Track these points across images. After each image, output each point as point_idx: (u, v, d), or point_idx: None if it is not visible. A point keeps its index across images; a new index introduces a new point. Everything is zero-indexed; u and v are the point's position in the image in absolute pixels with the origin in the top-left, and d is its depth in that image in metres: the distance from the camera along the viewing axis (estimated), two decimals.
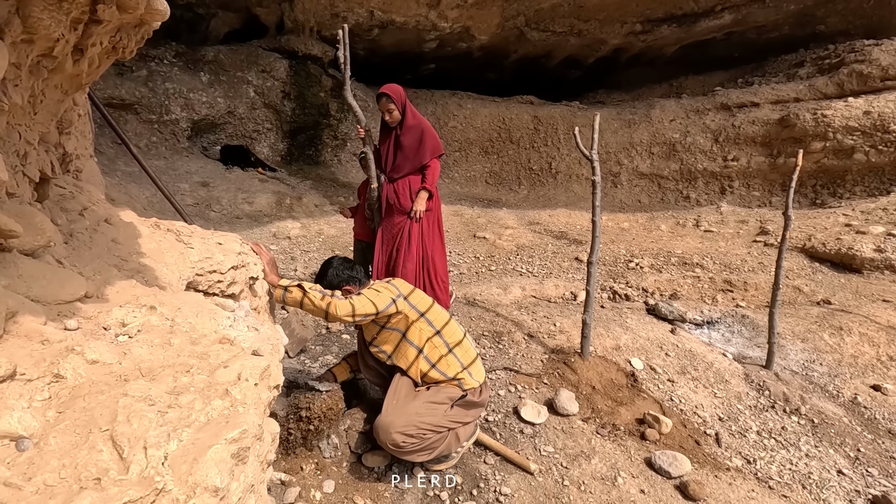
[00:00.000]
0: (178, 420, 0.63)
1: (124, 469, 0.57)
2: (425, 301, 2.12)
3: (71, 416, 0.62)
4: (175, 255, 1.09)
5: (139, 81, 5.86)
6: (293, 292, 1.89)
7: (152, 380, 0.69)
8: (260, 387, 0.74)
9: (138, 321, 0.81)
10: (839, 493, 2.40)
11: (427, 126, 3.28)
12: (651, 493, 2.09)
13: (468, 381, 2.04)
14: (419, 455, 1.92)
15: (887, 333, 4.06)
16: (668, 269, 5.28)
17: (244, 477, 0.61)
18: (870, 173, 6.76)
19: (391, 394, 1.99)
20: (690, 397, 2.99)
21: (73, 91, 0.91)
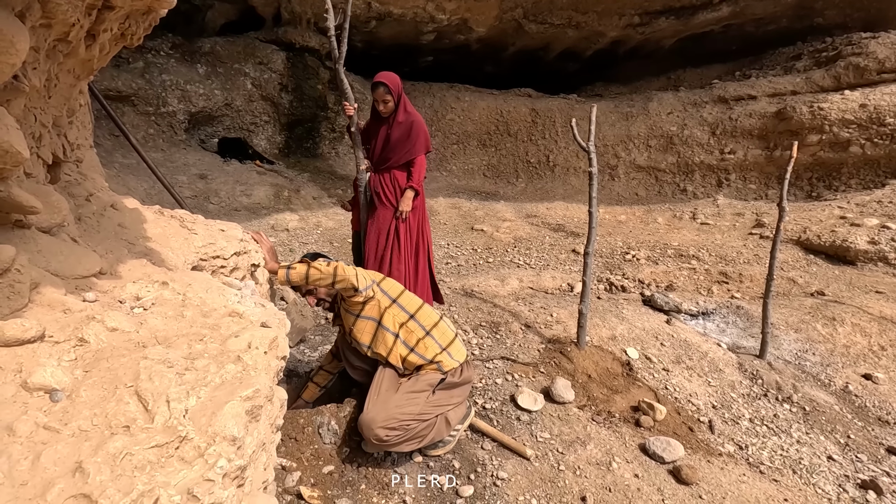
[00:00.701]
0: (195, 381, 0.67)
1: (150, 419, 0.61)
2: (396, 288, 2.17)
3: (97, 375, 0.65)
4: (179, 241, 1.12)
5: (136, 73, 5.84)
6: (297, 268, 1.94)
7: (168, 346, 0.72)
8: (269, 355, 0.78)
9: (152, 295, 0.84)
10: (829, 477, 2.46)
11: (419, 120, 3.26)
12: (645, 477, 2.13)
13: (447, 363, 2.07)
14: (408, 445, 1.95)
15: (879, 324, 4.11)
16: (664, 261, 5.32)
17: (257, 433, 0.65)
18: (865, 166, 6.81)
19: (373, 388, 2.02)
20: (685, 386, 3.03)
21: (84, 76, 0.93)
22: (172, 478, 0.56)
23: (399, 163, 3.28)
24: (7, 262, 0.66)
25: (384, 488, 1.93)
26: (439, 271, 4.75)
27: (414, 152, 3.28)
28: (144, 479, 0.55)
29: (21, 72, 0.69)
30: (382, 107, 3.14)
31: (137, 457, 0.57)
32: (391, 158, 3.26)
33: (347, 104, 3.15)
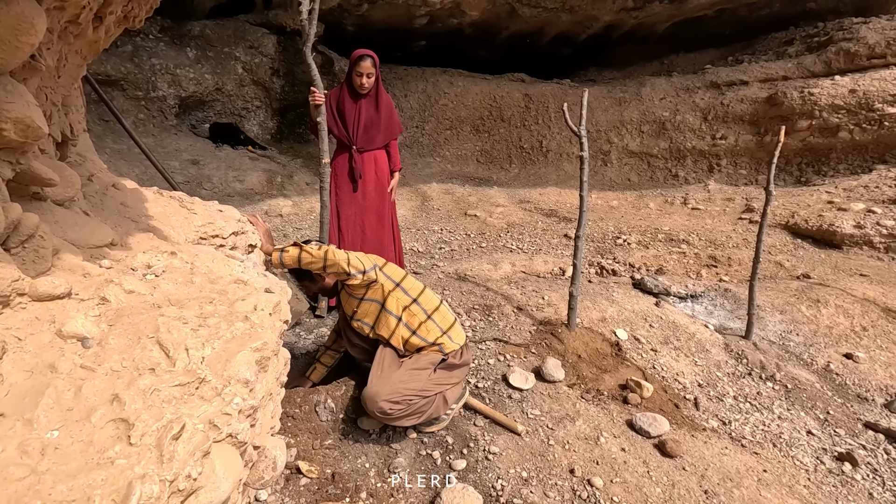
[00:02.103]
0: (209, 335, 0.72)
1: (172, 364, 0.67)
2: (398, 272, 2.24)
3: (121, 328, 0.71)
4: (180, 220, 1.15)
5: (124, 57, 5.76)
6: (290, 251, 1.98)
7: (182, 307, 0.77)
8: (273, 317, 0.83)
9: (162, 264, 0.88)
10: (807, 450, 2.56)
11: (392, 101, 3.33)
12: (631, 450, 2.21)
13: (448, 345, 2.15)
14: (408, 420, 2.02)
15: (862, 305, 4.22)
16: (654, 245, 5.39)
17: (266, 382, 0.71)
18: (853, 151, 6.89)
19: (376, 364, 2.08)
20: (672, 365, 3.12)
21: (90, 57, 0.96)
22: (195, 410, 0.62)
23: (387, 141, 3.29)
24: (32, 229, 0.72)
25: (380, 463, 2.00)
26: (433, 256, 4.80)
27: (397, 131, 3.32)
28: (171, 410, 0.61)
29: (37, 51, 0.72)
30: (366, 80, 3.04)
31: (164, 392, 0.63)
32: (377, 138, 3.22)
33: (316, 91, 2.93)
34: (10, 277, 0.70)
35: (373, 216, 3.34)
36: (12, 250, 0.69)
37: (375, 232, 3.36)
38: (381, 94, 3.20)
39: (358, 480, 1.90)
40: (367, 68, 3.03)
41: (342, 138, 3.21)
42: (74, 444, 0.61)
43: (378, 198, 3.33)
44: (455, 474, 1.98)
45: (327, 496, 1.82)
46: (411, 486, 1.91)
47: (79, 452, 0.59)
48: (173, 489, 0.59)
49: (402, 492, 1.88)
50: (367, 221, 3.33)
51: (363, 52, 3.05)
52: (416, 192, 6.88)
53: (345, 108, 3.16)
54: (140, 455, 0.60)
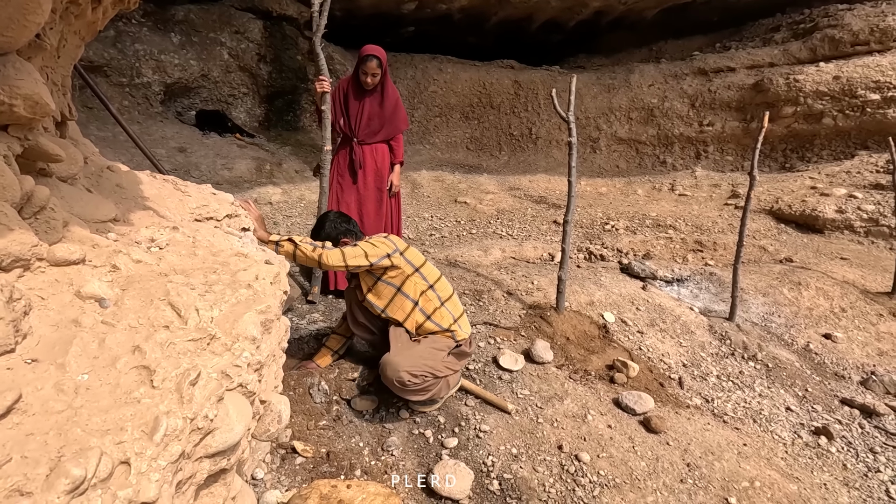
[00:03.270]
0: (216, 299, 0.75)
1: (184, 322, 0.70)
2: (419, 257, 2.25)
3: (133, 291, 0.74)
4: (175, 201, 1.17)
5: (107, 42, 5.65)
6: (285, 246, 2.00)
7: (188, 276, 0.80)
8: (274, 286, 0.86)
9: (165, 237, 0.91)
10: (786, 425, 2.66)
11: (399, 96, 3.37)
12: (617, 427, 2.29)
13: (460, 333, 2.20)
14: (417, 395, 2.07)
15: (841, 288, 4.34)
16: (642, 230, 5.47)
17: (269, 343, 0.75)
18: (837, 137, 7.00)
19: (395, 339, 2.12)
20: (658, 346, 3.20)
21: (88, 37, 0.96)
22: (208, 362, 0.66)
23: (390, 136, 3.36)
24: (43, 201, 0.75)
25: (373, 442, 2.04)
26: (423, 243, 4.83)
27: (402, 126, 3.38)
28: (187, 361, 0.65)
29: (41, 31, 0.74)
30: (370, 79, 3.13)
31: (179, 346, 0.67)
32: (381, 131, 3.31)
33: (323, 79, 3.07)
34: (29, 243, 0.74)
35: (371, 205, 3.41)
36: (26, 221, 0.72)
37: (373, 220, 3.43)
38: (388, 89, 3.24)
39: (352, 459, 1.95)
40: (372, 69, 3.09)
41: (345, 130, 3.31)
42: (103, 385, 0.67)
43: (377, 188, 3.40)
44: (447, 452, 2.04)
45: (322, 474, 1.86)
46: (404, 463, 1.96)
47: (108, 393, 0.63)
48: (193, 427, 0.64)
49: (395, 469, 1.93)
50: (365, 210, 3.40)
51: (370, 51, 3.07)
52: (407, 180, 6.87)
53: (349, 100, 3.25)
54: (162, 396, 0.64)
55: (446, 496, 1.80)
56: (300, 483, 1.81)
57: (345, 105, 3.29)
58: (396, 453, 2.00)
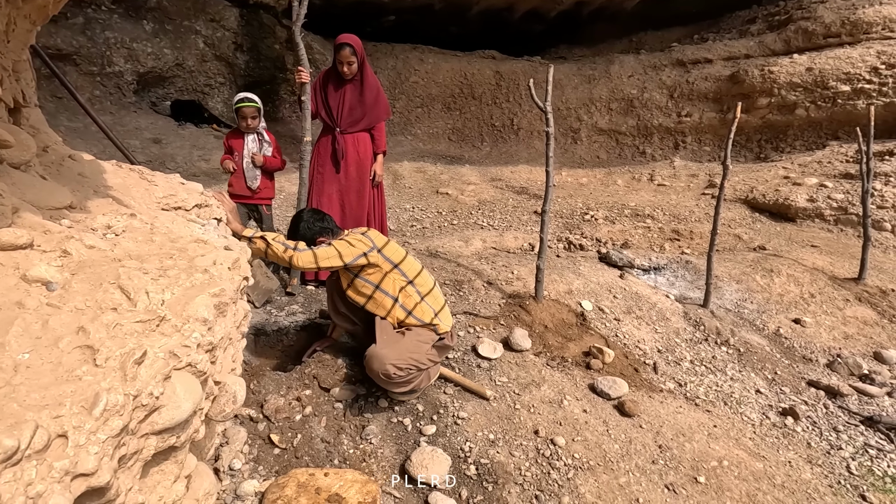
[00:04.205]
0: (169, 283, 0.75)
1: (133, 305, 0.70)
2: (399, 252, 2.24)
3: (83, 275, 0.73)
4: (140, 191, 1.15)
5: (76, 30, 5.47)
6: (257, 243, 1.98)
7: (143, 262, 0.79)
8: (232, 271, 0.86)
9: (122, 224, 0.90)
10: (755, 407, 2.75)
11: (380, 85, 3.36)
12: (592, 411, 2.34)
13: (442, 326, 2.21)
14: (400, 387, 2.08)
15: (811, 274, 4.48)
16: (621, 220, 5.55)
17: (224, 325, 0.75)
18: (809, 128, 7.17)
19: (380, 331, 2.11)
20: (634, 333, 3.27)
21: (39, 21, 0.93)
22: (156, 342, 0.67)
23: (371, 125, 3.34)
24: None
25: (352, 431, 2.06)
26: (404, 234, 4.83)
27: (384, 115, 3.37)
28: (134, 341, 0.65)
29: None
30: (347, 68, 3.12)
31: (126, 327, 0.67)
32: (362, 120, 3.30)
33: (302, 69, 3.06)
34: None
35: (353, 195, 3.40)
36: None
37: (355, 210, 3.41)
38: (367, 77, 3.22)
39: (331, 448, 1.96)
40: (346, 56, 3.07)
41: (326, 120, 3.29)
42: (45, 364, 0.66)
43: (359, 178, 3.38)
44: (425, 439, 2.06)
45: (300, 464, 1.87)
46: (383, 451, 1.98)
47: (49, 371, 0.63)
48: (137, 404, 0.64)
49: (373, 456, 1.95)
50: (346, 201, 3.39)
51: (343, 39, 3.05)
52: (388, 171, 6.84)
53: (329, 91, 3.23)
54: (105, 374, 0.64)
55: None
56: (278, 473, 1.82)
57: (325, 95, 3.27)
58: (375, 441, 2.02)
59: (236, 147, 3.32)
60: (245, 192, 3.35)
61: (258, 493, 1.70)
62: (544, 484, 1.89)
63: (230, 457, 1.80)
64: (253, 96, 3.33)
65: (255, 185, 3.40)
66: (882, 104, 6.46)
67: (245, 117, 3.23)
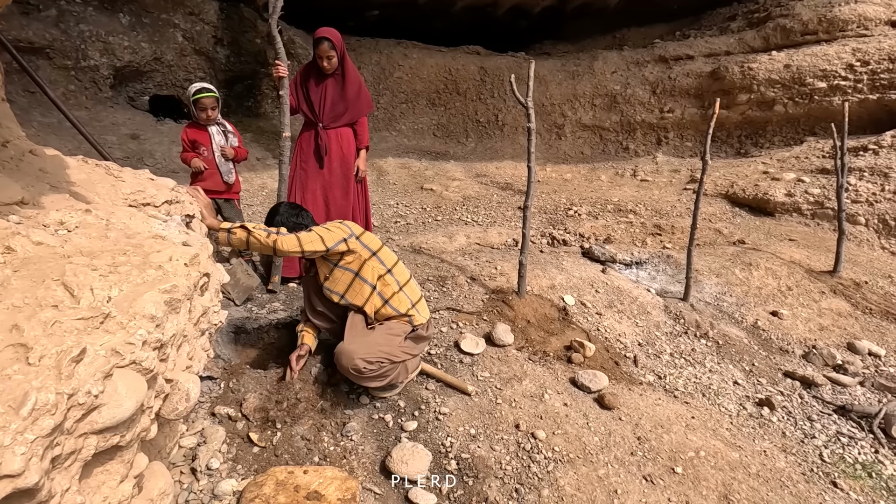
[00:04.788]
0: (119, 280, 0.73)
1: (76, 302, 0.68)
2: (376, 241, 2.24)
3: (26, 272, 0.71)
4: (106, 187, 1.12)
5: (49, 22, 5.33)
6: (237, 233, 1.95)
7: (93, 258, 0.77)
8: (189, 268, 0.84)
9: (75, 220, 0.87)
10: (732, 398, 2.80)
11: (362, 79, 3.34)
12: (573, 405, 2.36)
13: (417, 317, 2.21)
14: (374, 381, 2.07)
15: (789, 267, 4.57)
16: (603, 215, 5.60)
17: (177, 322, 0.73)
18: (787, 124, 7.30)
19: (350, 327, 2.11)
20: (615, 327, 3.31)
21: None
22: (98, 340, 0.65)
23: (353, 119, 3.32)
24: None
25: (333, 428, 2.05)
26: (388, 230, 4.81)
27: (366, 109, 3.34)
28: (73, 339, 0.63)
29: None
30: (326, 63, 3.08)
31: (66, 325, 0.65)
32: (344, 115, 3.27)
33: (279, 64, 3.00)
34: None
35: (337, 191, 3.37)
36: None
37: (339, 206, 3.38)
38: (349, 71, 3.19)
39: (311, 445, 1.95)
40: (325, 51, 3.04)
41: (308, 115, 3.24)
42: None
43: (342, 173, 3.36)
44: (406, 435, 2.06)
45: (280, 462, 1.86)
46: (363, 447, 1.98)
47: None
48: (73, 402, 0.62)
49: (354, 453, 1.94)
50: (331, 197, 3.36)
51: (322, 33, 3.02)
52: (372, 167, 6.81)
53: (310, 85, 3.18)
54: (38, 373, 0.62)
55: (403, 477, 1.83)
56: (257, 471, 1.80)
57: (306, 90, 3.23)
58: (356, 438, 2.02)
59: (202, 141, 3.22)
60: (220, 186, 3.29)
61: (236, 493, 1.68)
62: (524, 477, 1.91)
63: (207, 456, 1.78)
64: (210, 86, 3.25)
65: (231, 178, 3.34)
66: (857, 101, 6.60)
67: (205, 108, 3.14)
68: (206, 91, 3.17)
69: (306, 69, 3.22)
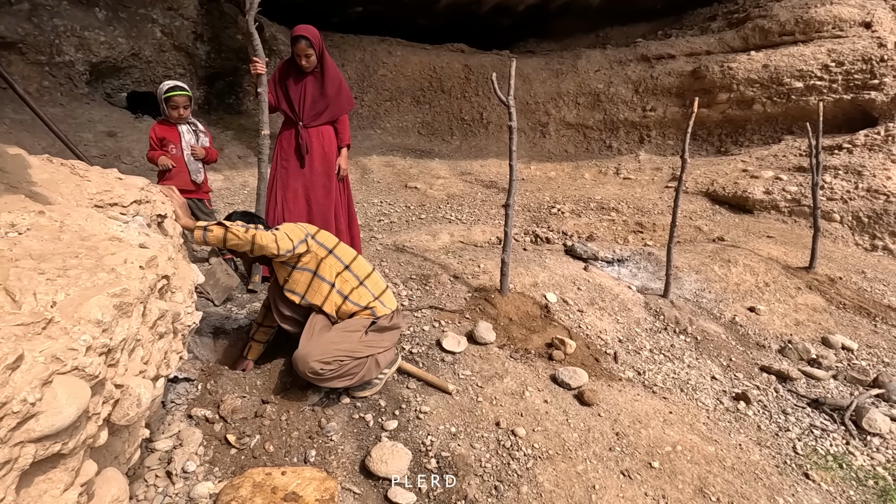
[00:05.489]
0: (66, 284, 0.72)
1: (17, 307, 0.66)
2: (332, 239, 2.25)
3: None
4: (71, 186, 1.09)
5: (21, 17, 5.18)
6: (214, 230, 1.93)
7: (43, 261, 0.75)
8: (146, 270, 0.83)
9: (27, 222, 0.85)
10: (710, 393, 2.85)
11: (342, 76, 3.31)
12: (553, 401, 2.38)
13: (380, 309, 2.20)
14: (339, 381, 2.06)
15: (766, 264, 4.66)
16: (586, 213, 5.64)
17: (128, 326, 0.72)
18: (766, 123, 7.43)
19: (307, 329, 2.11)
20: (596, 324, 3.34)
21: None
22: (38, 346, 0.63)
23: (334, 117, 3.28)
24: None
25: (313, 429, 2.03)
26: (371, 228, 4.79)
27: (347, 107, 3.31)
28: (10, 345, 0.61)
29: None
30: (305, 62, 3.05)
31: (4, 331, 0.63)
32: (324, 113, 3.23)
33: (257, 61, 2.97)
34: None
35: (319, 190, 3.33)
36: None
37: (321, 206, 3.34)
38: (328, 69, 3.15)
39: (290, 446, 1.94)
40: (303, 49, 3.00)
41: (288, 114, 3.21)
42: None
43: (324, 172, 3.31)
44: (387, 434, 2.06)
45: (258, 464, 1.84)
46: (343, 447, 1.97)
47: None
48: (6, 411, 0.60)
49: (333, 453, 1.94)
50: (313, 196, 3.31)
51: (299, 31, 2.98)
52: (357, 165, 6.77)
53: (289, 83, 3.14)
54: None
55: (383, 476, 1.83)
56: (234, 474, 1.79)
57: (285, 88, 3.19)
58: (336, 438, 2.01)
59: (171, 139, 3.19)
60: (188, 185, 3.24)
61: (213, 495, 1.66)
62: (504, 474, 1.92)
63: (183, 459, 1.76)
64: (183, 84, 3.22)
65: (199, 178, 3.30)
66: (832, 100, 6.75)
67: (177, 107, 3.12)
68: (179, 89, 3.13)
69: (284, 67, 3.18)
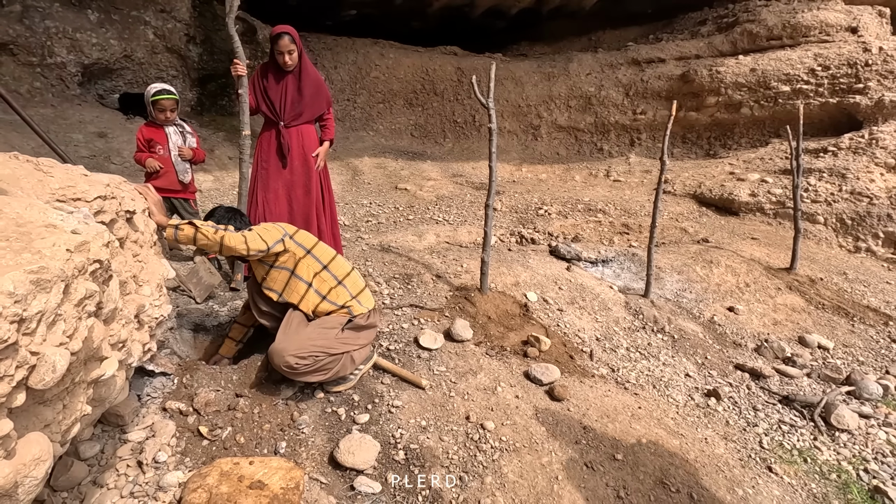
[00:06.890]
0: None
1: None
2: (310, 239, 2.29)
3: None
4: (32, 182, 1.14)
5: (12, 18, 5.24)
6: (185, 229, 1.97)
7: None
8: (75, 254, 0.87)
9: None
10: (682, 390, 2.90)
11: (321, 76, 3.35)
12: (524, 397, 2.43)
13: (357, 308, 2.25)
14: (314, 376, 2.10)
15: (748, 265, 4.72)
16: (573, 214, 5.70)
17: (45, 301, 0.77)
18: (753, 126, 7.51)
19: (284, 324, 2.15)
20: (575, 322, 3.39)
21: None
22: None
23: (313, 116, 3.33)
24: None
25: (285, 422, 2.08)
26: (359, 229, 4.84)
27: (325, 105, 3.36)
28: None
29: None
30: (287, 58, 3.09)
31: None
32: (305, 112, 3.27)
33: (238, 62, 3.01)
34: None
35: (300, 190, 3.36)
36: None
37: (302, 206, 3.38)
38: (306, 68, 3.20)
39: (260, 438, 1.98)
40: (285, 46, 3.04)
41: (268, 115, 3.24)
42: None
43: (304, 172, 3.35)
44: (358, 427, 2.10)
45: (228, 454, 1.89)
46: (314, 440, 2.02)
47: None
48: None
49: (304, 445, 1.98)
50: (294, 196, 3.35)
51: (280, 29, 3.03)
52: (347, 167, 6.83)
53: (269, 84, 3.18)
54: None
55: (350, 467, 1.87)
56: (205, 464, 1.83)
57: (265, 89, 3.23)
58: (307, 431, 2.05)
59: (158, 140, 3.26)
60: (175, 185, 3.31)
61: (182, 484, 1.71)
62: (469, 466, 1.97)
63: (155, 449, 1.80)
64: (170, 88, 3.28)
65: (186, 178, 3.35)
66: (818, 104, 6.83)
67: (164, 110, 3.19)
68: (166, 93, 3.20)
69: (263, 68, 3.22)
